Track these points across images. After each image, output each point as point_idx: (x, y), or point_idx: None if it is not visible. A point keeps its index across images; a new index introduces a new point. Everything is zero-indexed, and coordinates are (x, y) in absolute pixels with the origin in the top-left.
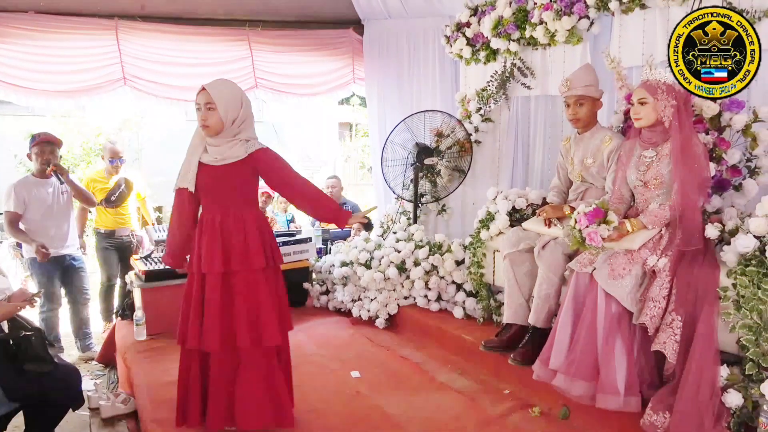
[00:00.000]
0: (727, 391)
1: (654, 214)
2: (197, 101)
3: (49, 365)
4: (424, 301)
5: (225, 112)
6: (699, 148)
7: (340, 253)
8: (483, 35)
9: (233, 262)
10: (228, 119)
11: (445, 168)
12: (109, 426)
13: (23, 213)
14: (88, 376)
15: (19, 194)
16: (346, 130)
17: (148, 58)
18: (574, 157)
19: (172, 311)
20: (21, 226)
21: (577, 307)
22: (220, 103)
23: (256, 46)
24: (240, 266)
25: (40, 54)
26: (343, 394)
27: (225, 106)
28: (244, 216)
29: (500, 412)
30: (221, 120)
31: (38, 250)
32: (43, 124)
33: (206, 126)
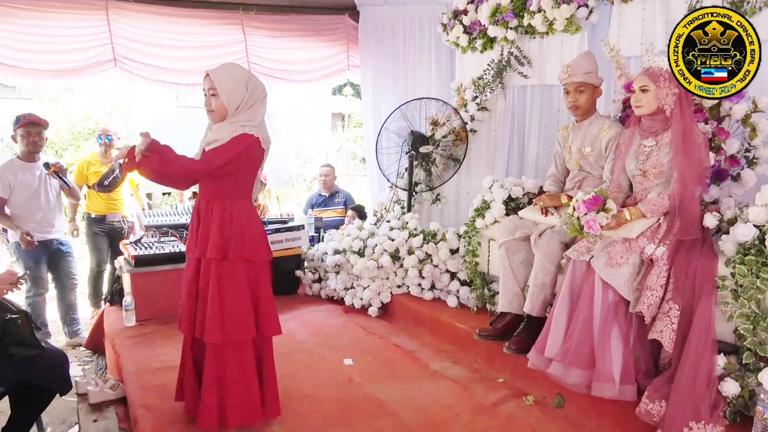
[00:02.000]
0: (724, 380)
1: (653, 203)
2: (203, 86)
3: (36, 349)
4: (417, 289)
5: (227, 98)
6: (699, 138)
7: (333, 241)
8: (480, 23)
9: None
10: (231, 105)
11: (440, 156)
12: (97, 411)
13: (8, 198)
14: (75, 362)
15: (3, 178)
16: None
17: (139, 40)
18: (571, 145)
19: (161, 297)
20: (6, 211)
21: (573, 295)
22: (222, 88)
23: (249, 31)
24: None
25: (29, 33)
26: (336, 381)
27: (227, 92)
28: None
29: (494, 400)
30: (224, 106)
31: (22, 237)
32: (30, 107)
33: (210, 111)
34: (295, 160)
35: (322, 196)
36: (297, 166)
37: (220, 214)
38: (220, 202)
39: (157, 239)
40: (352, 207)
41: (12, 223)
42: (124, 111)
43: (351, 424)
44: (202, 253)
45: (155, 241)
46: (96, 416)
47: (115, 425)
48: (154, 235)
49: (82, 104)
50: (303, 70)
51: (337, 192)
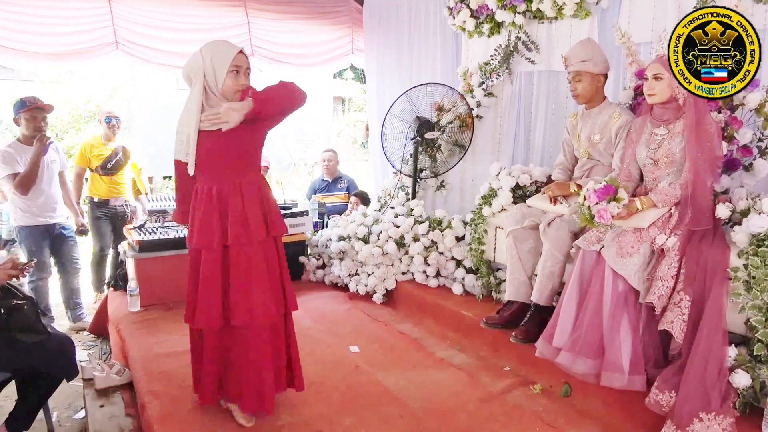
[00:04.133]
0: (735, 372)
1: (664, 192)
2: (237, 63)
3: (42, 335)
4: (422, 276)
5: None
6: (712, 127)
7: (337, 227)
8: (488, 7)
9: (231, 235)
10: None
11: (446, 143)
12: (104, 397)
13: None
14: (80, 347)
15: (9, 156)
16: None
17: (140, 22)
18: (581, 133)
19: (166, 282)
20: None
21: (582, 284)
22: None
23: (252, 13)
24: (237, 240)
25: (30, 15)
26: (342, 368)
27: None
28: (242, 182)
29: (501, 388)
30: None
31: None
32: (30, 90)
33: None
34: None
35: (325, 182)
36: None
37: (255, 192)
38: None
39: (161, 224)
40: (355, 193)
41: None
42: (126, 95)
43: (358, 411)
44: (238, 239)
45: (159, 226)
46: (102, 401)
47: (122, 411)
48: (158, 220)
49: (83, 87)
50: (307, 54)
51: (340, 177)
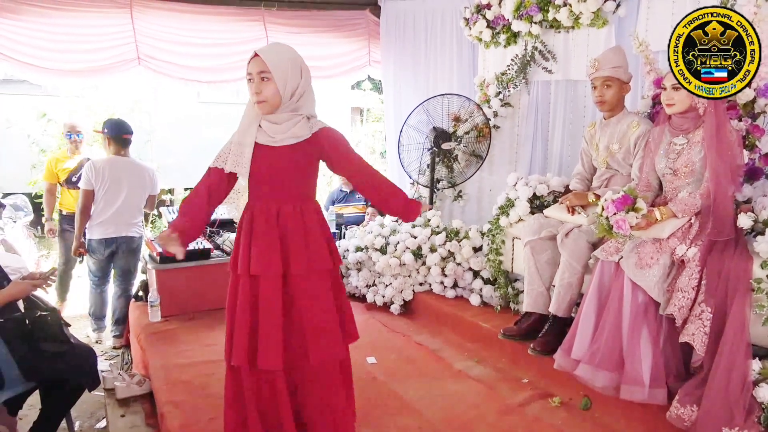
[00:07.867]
0: (759, 386)
1: (684, 202)
2: (249, 70)
3: (65, 345)
4: (439, 287)
5: (283, 83)
6: (733, 135)
7: (354, 238)
8: (504, 17)
9: (293, 263)
10: (286, 91)
11: (462, 153)
12: (125, 407)
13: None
14: (101, 357)
15: None
16: (357, 114)
17: (162, 38)
18: (599, 142)
19: (187, 293)
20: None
21: (601, 296)
22: (277, 71)
23: (271, 27)
24: (302, 268)
25: (54, 32)
26: (360, 379)
27: (283, 75)
28: (303, 208)
29: (520, 401)
30: (278, 92)
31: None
32: (56, 104)
33: (261, 101)
34: None
35: (343, 192)
36: None
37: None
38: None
39: None
40: (373, 203)
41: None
42: (147, 109)
43: (376, 422)
44: (300, 268)
45: None
46: (123, 411)
47: (142, 420)
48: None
49: (106, 101)
50: (325, 66)
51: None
